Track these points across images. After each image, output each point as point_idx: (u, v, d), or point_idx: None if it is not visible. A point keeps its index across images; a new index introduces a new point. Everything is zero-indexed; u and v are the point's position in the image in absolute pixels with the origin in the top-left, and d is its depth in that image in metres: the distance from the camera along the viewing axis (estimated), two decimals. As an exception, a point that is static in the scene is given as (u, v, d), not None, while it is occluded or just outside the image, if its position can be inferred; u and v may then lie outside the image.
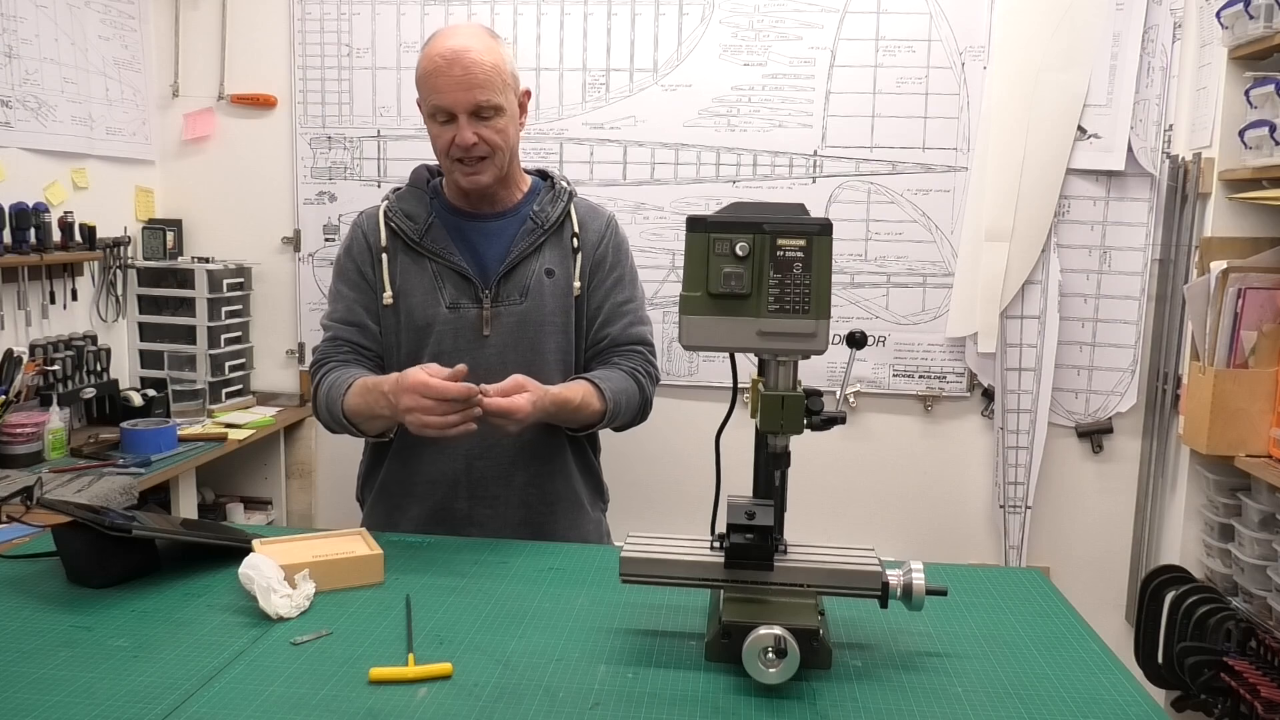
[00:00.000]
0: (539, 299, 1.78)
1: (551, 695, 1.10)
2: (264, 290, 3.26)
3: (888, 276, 3.00)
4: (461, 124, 1.68)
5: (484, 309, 1.76)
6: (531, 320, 1.77)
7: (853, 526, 3.09)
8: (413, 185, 1.86)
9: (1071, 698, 1.12)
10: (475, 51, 1.67)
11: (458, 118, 1.68)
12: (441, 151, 1.74)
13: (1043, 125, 2.83)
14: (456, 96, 1.66)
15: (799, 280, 1.14)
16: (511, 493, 1.78)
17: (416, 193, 1.84)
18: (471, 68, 1.66)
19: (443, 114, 1.69)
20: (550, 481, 1.82)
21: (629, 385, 1.80)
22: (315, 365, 1.82)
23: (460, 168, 1.73)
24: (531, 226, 1.81)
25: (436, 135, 1.72)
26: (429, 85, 1.69)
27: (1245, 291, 2.40)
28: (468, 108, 1.67)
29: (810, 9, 2.93)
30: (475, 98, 1.67)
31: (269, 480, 3.23)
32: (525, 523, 1.79)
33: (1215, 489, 2.54)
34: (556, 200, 1.84)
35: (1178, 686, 2.32)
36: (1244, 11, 2.34)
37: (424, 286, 1.77)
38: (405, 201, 1.83)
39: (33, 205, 2.60)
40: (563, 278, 1.81)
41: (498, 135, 1.71)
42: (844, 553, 1.23)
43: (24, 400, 2.52)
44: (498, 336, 1.76)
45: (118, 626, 1.25)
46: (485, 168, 1.73)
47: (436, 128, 1.72)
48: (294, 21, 3.13)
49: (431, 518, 1.78)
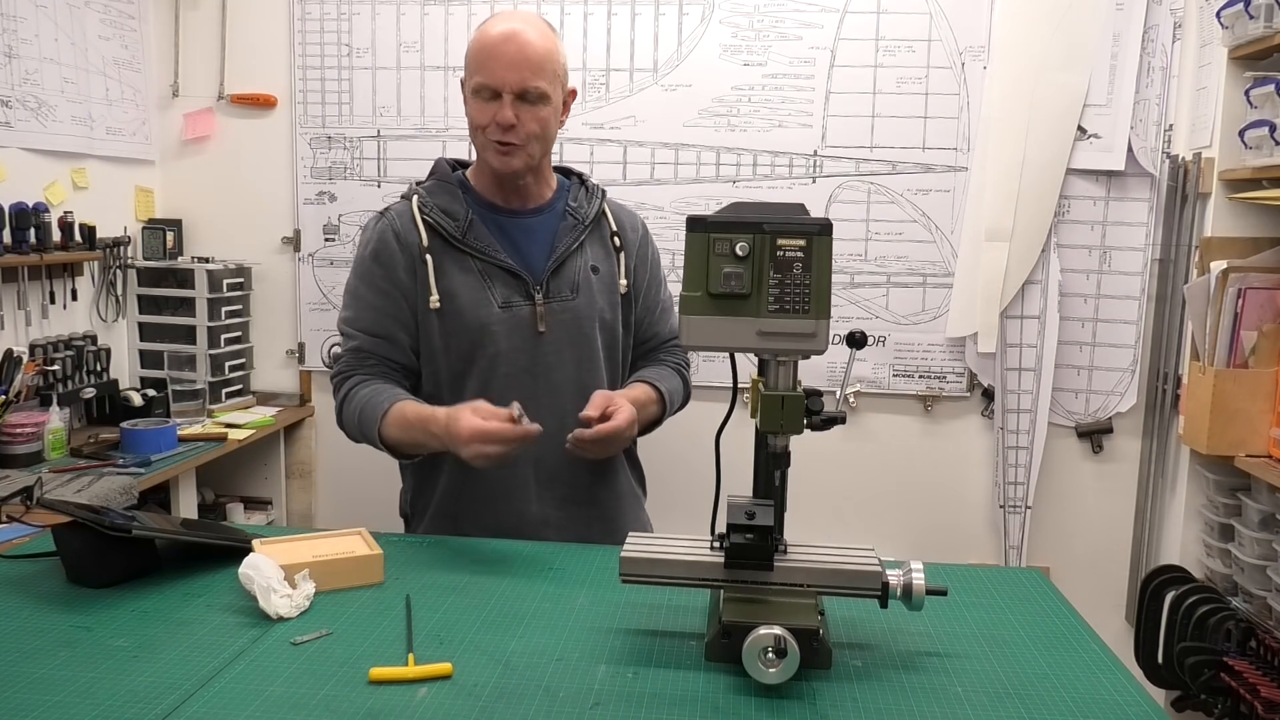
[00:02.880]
0: (589, 294, 1.77)
1: (551, 695, 1.10)
2: (264, 290, 3.26)
3: (888, 276, 3.00)
4: (505, 103, 1.64)
5: (537, 306, 1.73)
6: (584, 315, 1.76)
7: (853, 526, 3.09)
8: (441, 179, 1.80)
9: (1071, 698, 1.12)
10: (531, 34, 1.65)
11: (502, 96, 1.65)
12: (479, 129, 1.69)
13: (1043, 125, 2.83)
14: (505, 75, 1.63)
15: (799, 280, 1.14)
16: (580, 491, 1.77)
17: (447, 186, 1.79)
18: (525, 48, 1.64)
19: (488, 91, 1.65)
20: (614, 477, 1.83)
21: (677, 380, 1.87)
22: (339, 376, 1.77)
23: (495, 147, 1.68)
24: (572, 223, 1.79)
25: (478, 112, 1.68)
26: (479, 61, 1.66)
27: (1245, 291, 2.40)
28: (515, 88, 1.64)
29: (810, 9, 2.93)
30: (524, 79, 1.64)
31: (269, 480, 3.23)
32: (598, 518, 1.78)
33: (1215, 489, 2.54)
34: (591, 198, 1.83)
35: (1178, 686, 2.32)
36: (1244, 11, 2.34)
37: (472, 286, 1.72)
38: (438, 196, 1.77)
39: (33, 205, 2.60)
40: (606, 274, 1.81)
41: (538, 123, 1.68)
42: (844, 553, 1.23)
43: (24, 400, 2.52)
44: (552, 334, 1.74)
45: (118, 626, 1.25)
46: (518, 153, 1.69)
47: (479, 104, 1.67)
48: (294, 21, 3.13)
49: (507, 525, 1.72)
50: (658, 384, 1.79)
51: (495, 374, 1.72)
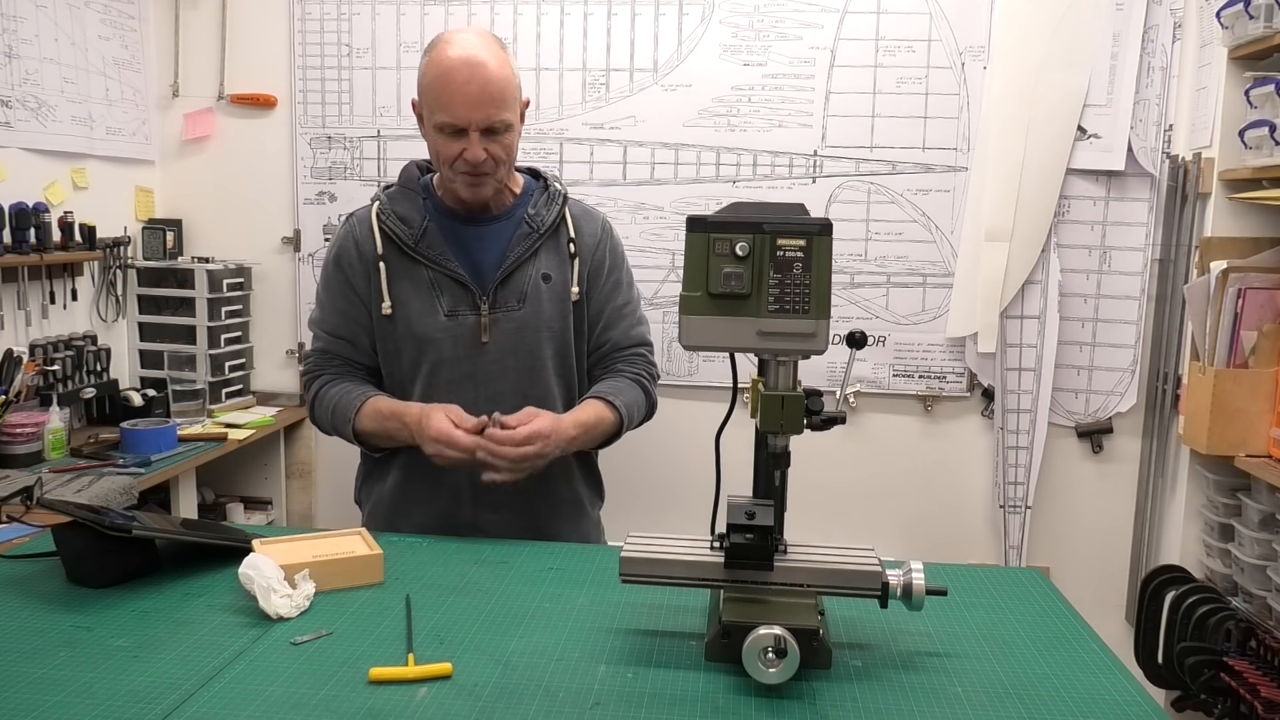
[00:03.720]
0: (536, 304, 1.77)
1: (551, 695, 1.10)
2: (264, 290, 3.26)
3: (888, 276, 3.00)
4: (473, 140, 1.65)
5: (482, 316, 1.75)
6: (530, 326, 1.77)
7: (853, 526, 3.09)
8: (404, 185, 1.82)
9: (1071, 698, 1.12)
10: (490, 67, 1.64)
11: (469, 133, 1.65)
12: (446, 163, 1.70)
13: (1043, 125, 2.83)
14: (471, 114, 1.63)
15: (799, 280, 1.14)
16: (516, 499, 1.77)
17: (408, 193, 1.81)
18: (487, 85, 1.63)
19: (451, 129, 1.66)
20: (555, 486, 1.82)
21: (636, 392, 1.83)
22: (309, 375, 1.84)
23: (465, 179, 1.70)
24: (527, 230, 1.79)
25: (443, 146, 1.69)
26: (441, 98, 1.65)
27: (1245, 291, 2.40)
28: (481, 124, 1.65)
29: (810, 9, 2.93)
30: (489, 115, 1.64)
31: (269, 480, 3.23)
32: (530, 528, 1.78)
33: (1215, 489, 2.54)
34: (551, 203, 1.82)
35: (1178, 686, 2.32)
36: (1244, 11, 2.34)
37: (421, 294, 1.75)
38: (397, 203, 1.79)
39: (33, 205, 2.60)
40: (559, 282, 1.80)
41: (504, 151, 1.70)
42: (844, 553, 1.23)
43: (24, 400, 2.52)
44: (496, 343, 1.76)
45: (118, 626, 1.25)
46: (488, 182, 1.72)
47: (444, 140, 1.68)
48: (294, 21, 3.13)
49: (436, 525, 1.77)
50: (612, 399, 1.77)
51: (437, 381, 1.76)
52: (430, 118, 1.69)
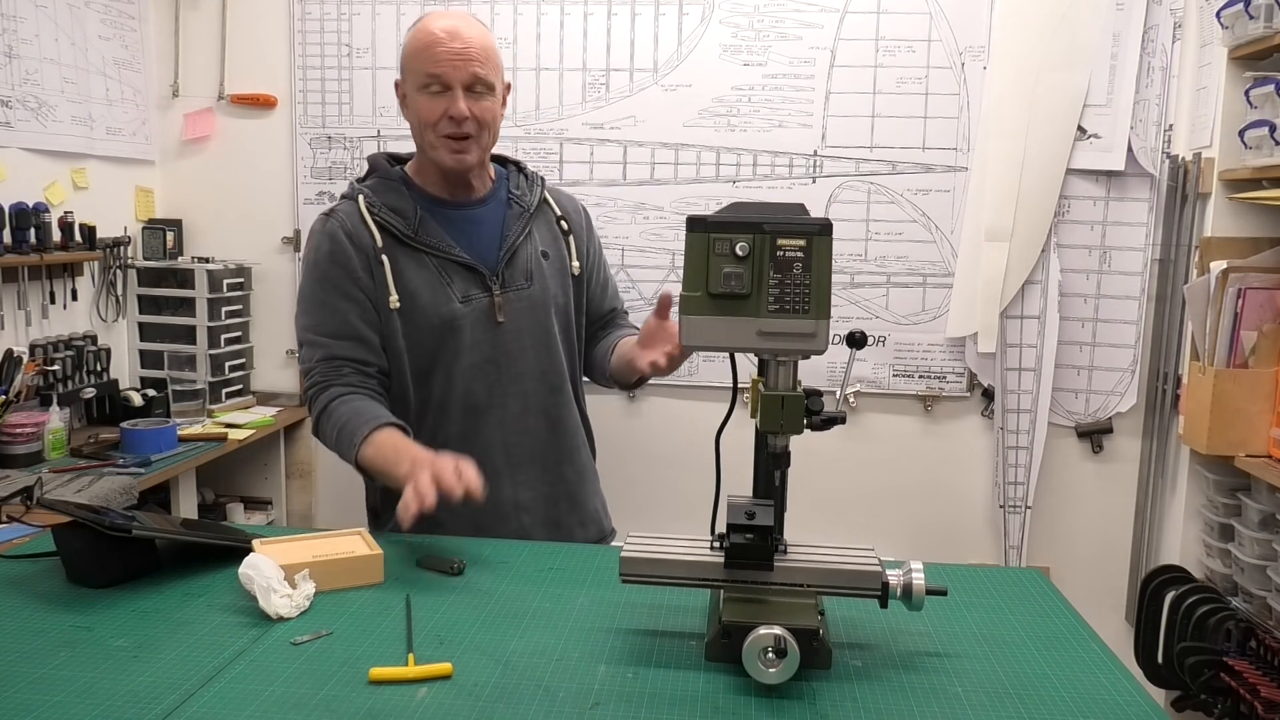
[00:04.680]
0: (543, 280, 1.82)
1: (551, 695, 1.10)
2: (264, 290, 3.26)
3: (888, 276, 3.00)
4: (457, 95, 1.67)
5: (495, 297, 1.76)
6: (540, 302, 1.81)
7: (853, 526, 3.09)
8: (383, 176, 1.81)
9: (1071, 698, 1.12)
10: (474, 30, 1.71)
11: (453, 89, 1.68)
12: (429, 124, 1.70)
13: (1043, 125, 2.83)
14: (455, 65, 1.67)
15: (799, 280, 1.14)
16: (548, 471, 1.82)
17: (390, 184, 1.79)
18: (471, 43, 1.68)
19: (438, 84, 1.68)
20: (577, 452, 1.88)
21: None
22: (315, 388, 1.72)
23: (448, 144, 1.70)
24: (518, 210, 1.83)
25: (426, 107, 1.69)
26: (425, 56, 1.68)
27: (1245, 291, 2.40)
28: (464, 80, 1.68)
29: (810, 9, 2.93)
30: (473, 71, 1.68)
31: (269, 480, 3.23)
32: (566, 496, 1.84)
33: (1215, 489, 2.54)
34: (531, 185, 1.88)
35: (1178, 686, 2.32)
36: (1244, 11, 2.34)
37: (431, 283, 1.74)
38: (384, 195, 1.77)
39: (33, 205, 2.60)
40: (556, 258, 1.86)
41: (487, 114, 1.72)
42: (844, 553, 1.23)
43: (24, 400, 2.52)
44: (511, 323, 1.77)
45: (118, 626, 1.25)
46: (471, 147, 1.72)
47: (427, 99, 1.69)
48: (294, 21, 3.13)
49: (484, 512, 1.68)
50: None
51: (459, 367, 1.75)
52: (413, 82, 1.72)
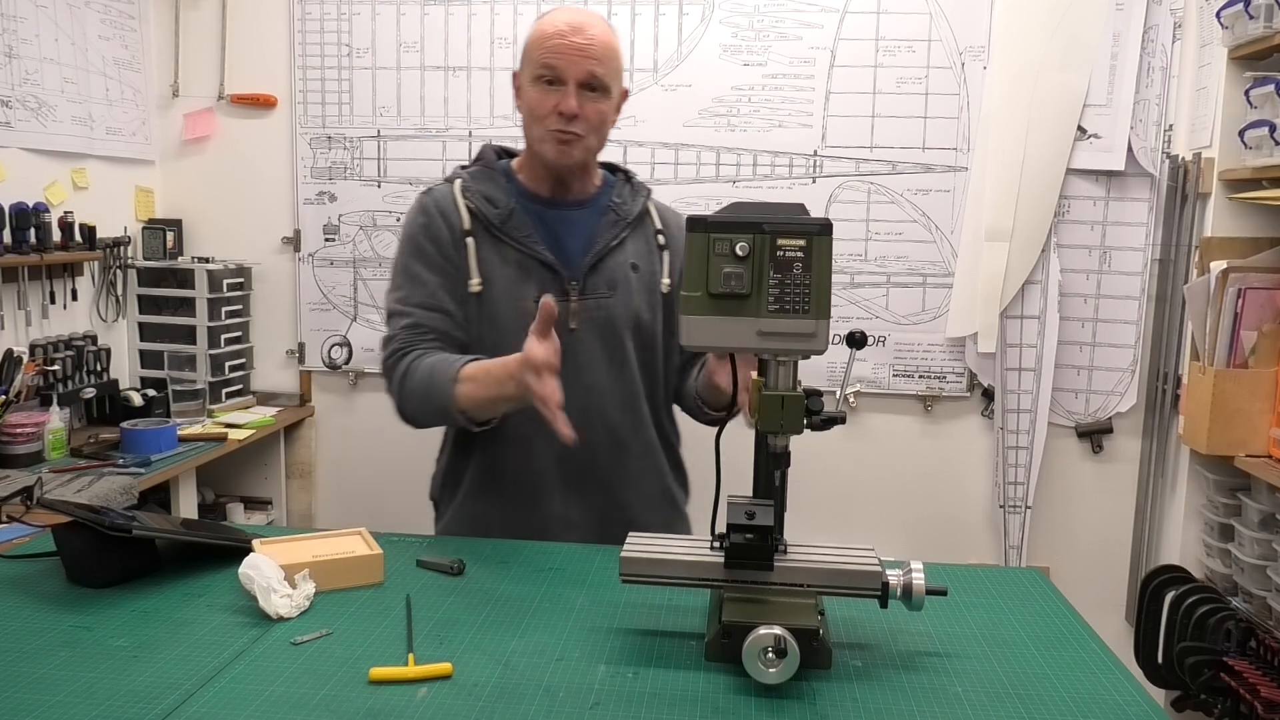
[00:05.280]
0: (626, 293, 1.72)
1: (551, 695, 1.10)
2: (264, 290, 3.26)
3: (888, 276, 3.00)
4: (570, 90, 1.62)
5: (571, 302, 1.68)
6: (618, 314, 1.71)
7: (853, 526, 3.09)
8: (486, 165, 1.77)
9: (1071, 698, 1.12)
10: (598, 28, 1.65)
11: (566, 84, 1.62)
12: (539, 118, 1.66)
13: (1043, 125, 2.83)
14: (573, 60, 1.62)
15: (799, 280, 1.14)
16: (605, 493, 1.72)
17: (491, 174, 1.75)
18: (593, 40, 1.63)
19: (552, 75, 1.63)
20: (644, 478, 1.76)
21: None
22: (395, 354, 1.66)
23: (554, 138, 1.65)
24: (614, 218, 1.74)
25: (538, 100, 1.65)
26: (544, 46, 1.63)
27: (1245, 291, 2.40)
28: (580, 76, 1.62)
29: (810, 9, 2.93)
30: (590, 68, 1.62)
31: (269, 480, 3.23)
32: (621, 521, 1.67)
33: (1215, 489, 2.54)
34: (636, 195, 1.79)
35: (1178, 686, 2.32)
36: (1244, 11, 2.34)
37: (508, 276, 1.68)
38: (481, 182, 1.73)
39: (33, 205, 2.60)
40: (647, 273, 1.76)
41: (598, 115, 1.66)
42: (844, 553, 1.23)
43: (24, 400, 2.52)
44: (585, 332, 1.69)
45: (118, 626, 1.25)
46: (578, 144, 1.66)
47: (539, 91, 1.64)
48: (294, 21, 3.13)
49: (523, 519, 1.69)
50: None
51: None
52: (529, 72, 1.66)
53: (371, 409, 3.27)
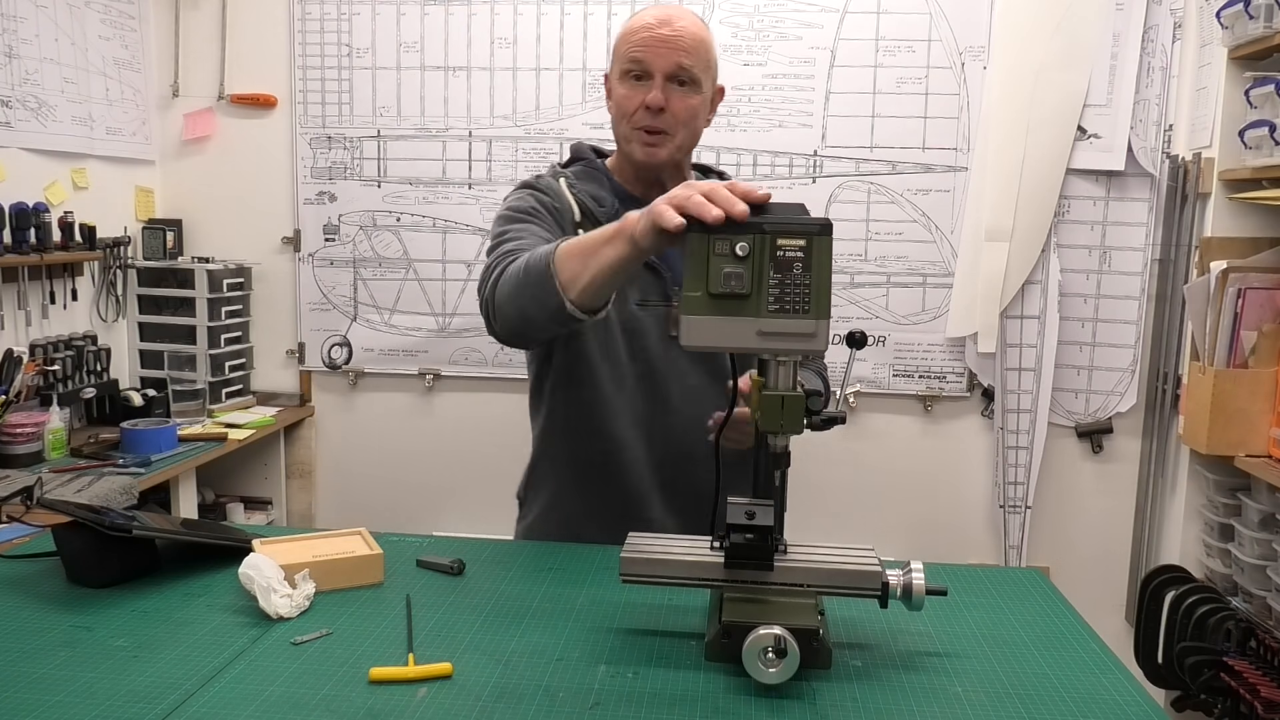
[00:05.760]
0: None
1: (551, 695, 1.10)
2: (264, 290, 3.26)
3: (888, 276, 3.00)
4: (656, 83, 1.58)
5: (673, 307, 1.63)
6: None
7: (853, 526, 3.09)
8: (588, 164, 1.73)
9: (1071, 698, 1.12)
10: (687, 20, 1.61)
11: (653, 77, 1.58)
12: (626, 115, 1.62)
13: (1043, 125, 2.83)
14: (659, 53, 1.57)
15: (799, 280, 1.14)
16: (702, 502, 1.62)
17: (594, 173, 1.72)
18: (682, 33, 1.59)
19: (639, 69, 1.59)
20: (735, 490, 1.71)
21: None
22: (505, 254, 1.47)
23: (641, 136, 1.61)
24: None
25: (625, 96, 1.61)
26: (631, 40, 1.60)
27: (1245, 291, 2.40)
28: (667, 69, 1.58)
29: (810, 9, 2.93)
30: (678, 59, 1.58)
31: (269, 480, 3.23)
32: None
33: (1215, 489, 2.54)
34: None
35: (1178, 686, 2.32)
36: (1244, 11, 2.34)
37: None
38: (585, 181, 1.69)
39: (33, 205, 2.60)
40: None
41: (687, 110, 1.61)
42: (844, 553, 1.23)
43: (24, 400, 2.52)
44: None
45: (118, 626, 1.25)
46: (665, 142, 1.61)
47: (626, 87, 1.61)
48: (294, 21, 3.13)
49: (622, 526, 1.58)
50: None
51: (630, 375, 1.64)
52: (617, 68, 1.63)
53: (371, 409, 3.27)
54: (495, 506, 3.19)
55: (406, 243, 3.16)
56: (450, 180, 3.12)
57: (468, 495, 3.24)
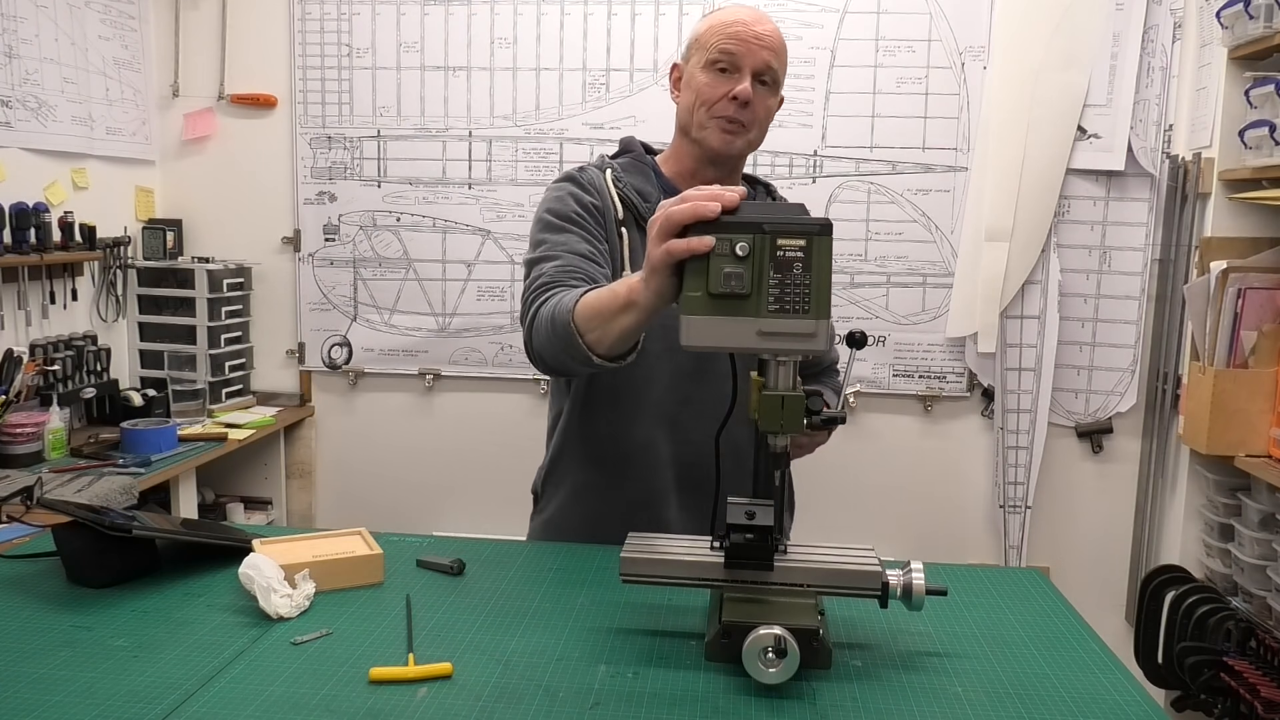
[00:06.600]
0: None
1: (551, 695, 1.10)
2: (264, 290, 3.26)
3: (888, 276, 3.00)
4: (745, 76, 1.60)
5: None
6: None
7: (853, 526, 3.09)
8: (636, 158, 1.74)
9: (1071, 698, 1.12)
10: (774, 25, 1.65)
11: (742, 71, 1.60)
12: (709, 102, 1.62)
13: (1043, 125, 2.83)
14: (752, 48, 1.60)
15: (799, 280, 1.14)
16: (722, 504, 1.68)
17: (641, 166, 1.73)
18: (772, 33, 1.63)
19: (727, 62, 1.61)
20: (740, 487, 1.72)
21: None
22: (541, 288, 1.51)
23: (720, 124, 1.62)
24: None
25: (710, 85, 1.61)
26: (725, 32, 1.61)
27: (1245, 291, 2.40)
28: (756, 65, 1.61)
29: (810, 9, 2.93)
30: (767, 59, 1.61)
31: (269, 480, 3.23)
32: None
33: (1215, 489, 2.54)
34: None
35: (1178, 686, 2.32)
36: (1244, 11, 2.34)
37: None
38: (631, 175, 1.70)
39: (33, 205, 2.60)
40: None
41: (765, 110, 1.64)
42: (844, 553, 1.23)
43: (24, 400, 2.52)
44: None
45: (118, 626, 1.25)
46: (743, 134, 1.63)
47: (712, 77, 1.62)
48: (294, 21, 3.13)
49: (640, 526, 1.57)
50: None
51: (659, 372, 1.63)
52: (703, 57, 1.63)
53: (371, 409, 3.27)
54: (496, 506, 3.20)
55: (406, 243, 3.16)
56: (450, 180, 3.12)
57: (468, 495, 3.24)
